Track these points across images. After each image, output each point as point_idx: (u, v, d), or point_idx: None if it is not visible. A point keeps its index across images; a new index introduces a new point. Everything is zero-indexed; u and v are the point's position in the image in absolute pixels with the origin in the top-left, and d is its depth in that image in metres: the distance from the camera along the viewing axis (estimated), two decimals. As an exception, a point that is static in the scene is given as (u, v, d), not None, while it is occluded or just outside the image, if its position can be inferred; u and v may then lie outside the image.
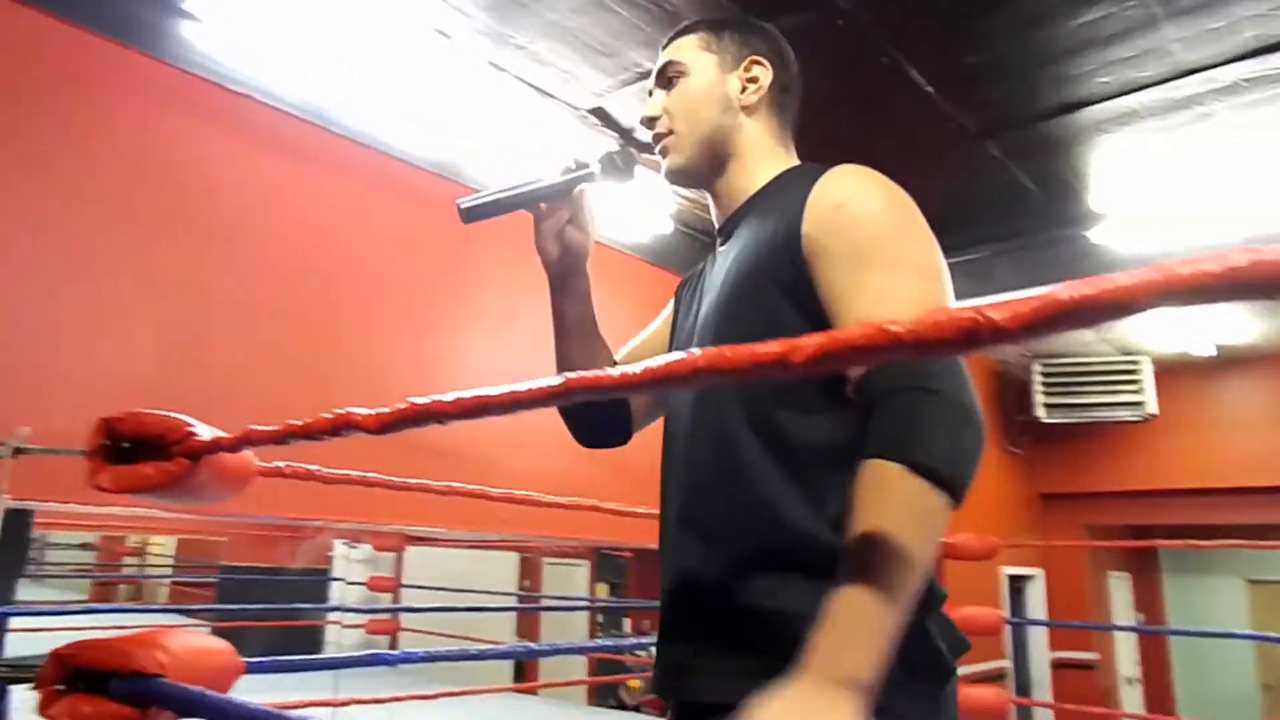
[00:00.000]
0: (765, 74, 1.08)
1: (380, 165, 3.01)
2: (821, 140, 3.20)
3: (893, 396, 0.78)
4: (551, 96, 2.97)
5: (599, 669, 7.85)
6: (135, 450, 1.24)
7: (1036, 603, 7.02)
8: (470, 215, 1.02)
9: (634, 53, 2.73)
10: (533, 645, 3.50)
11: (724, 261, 1.02)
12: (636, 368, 0.72)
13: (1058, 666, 6.96)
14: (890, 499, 0.74)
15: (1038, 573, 7.11)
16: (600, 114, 3.10)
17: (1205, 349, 6.23)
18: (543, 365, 1.03)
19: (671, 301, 1.23)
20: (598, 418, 1.19)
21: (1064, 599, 7.10)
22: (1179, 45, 2.58)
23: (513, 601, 7.15)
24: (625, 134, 3.20)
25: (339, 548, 7.21)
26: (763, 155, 1.07)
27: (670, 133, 1.08)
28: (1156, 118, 2.99)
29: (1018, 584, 6.88)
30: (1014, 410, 6.81)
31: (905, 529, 0.72)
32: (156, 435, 1.22)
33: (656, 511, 1.07)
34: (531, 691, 6.67)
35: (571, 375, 0.77)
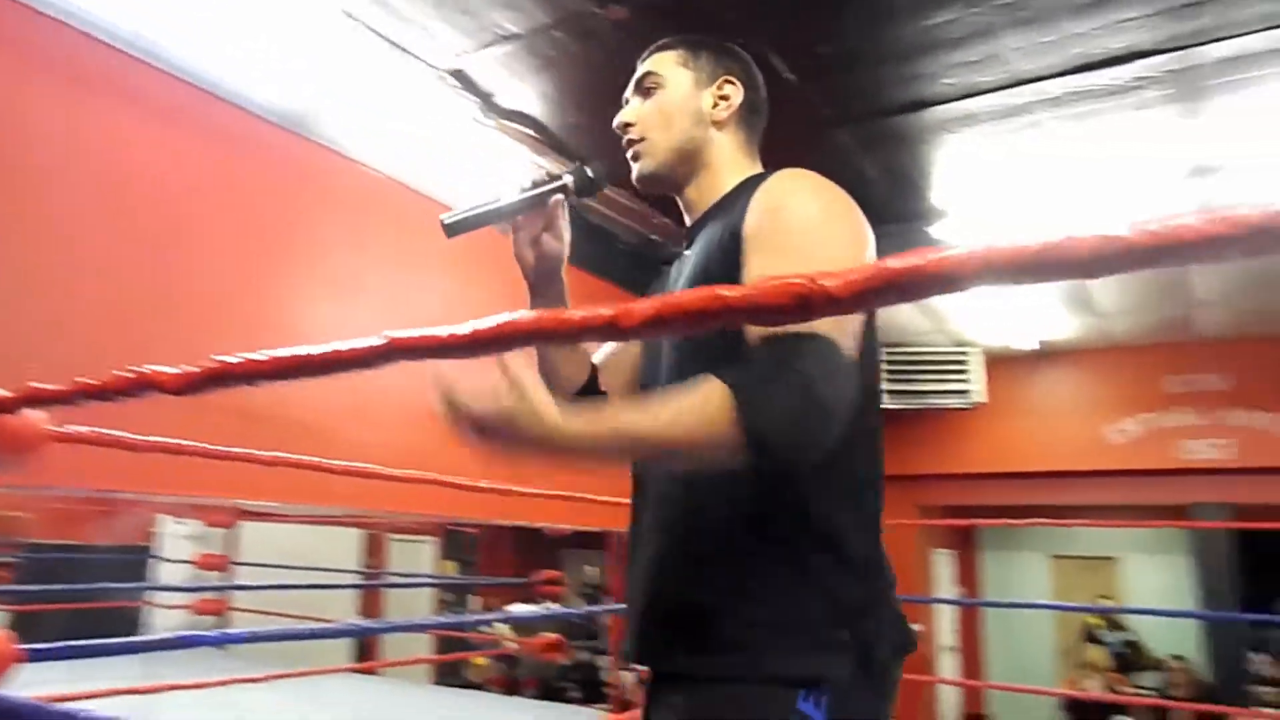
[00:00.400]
0: (736, 93, 1.16)
1: (218, 111, 2.79)
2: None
3: (773, 363, 0.84)
4: (409, 54, 2.84)
5: (444, 648, 7.72)
6: (-104, 409, 1.09)
7: (869, 578, 7.42)
8: (453, 230, 1.06)
9: (497, 14, 2.64)
10: (367, 623, 3.40)
11: (686, 265, 1.11)
12: (464, 329, 0.68)
13: (885, 637, 7.38)
14: (699, 402, 0.82)
15: (872, 550, 7.51)
16: (460, 76, 2.99)
17: (1028, 343, 6.72)
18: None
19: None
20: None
21: (898, 574, 7.53)
22: (1016, 54, 2.73)
23: (355, 580, 6.90)
24: (485, 99, 3.10)
25: (164, 524, 6.74)
26: (730, 167, 1.15)
27: (642, 139, 1.15)
28: (993, 122, 3.16)
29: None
30: (856, 395, 7.13)
31: (677, 421, 0.81)
32: (-81, 392, 1.08)
33: (505, 486, 1.08)
34: (372, 671, 6.48)
35: (395, 335, 0.73)
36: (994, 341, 6.73)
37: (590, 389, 1.23)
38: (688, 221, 1.18)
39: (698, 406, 0.82)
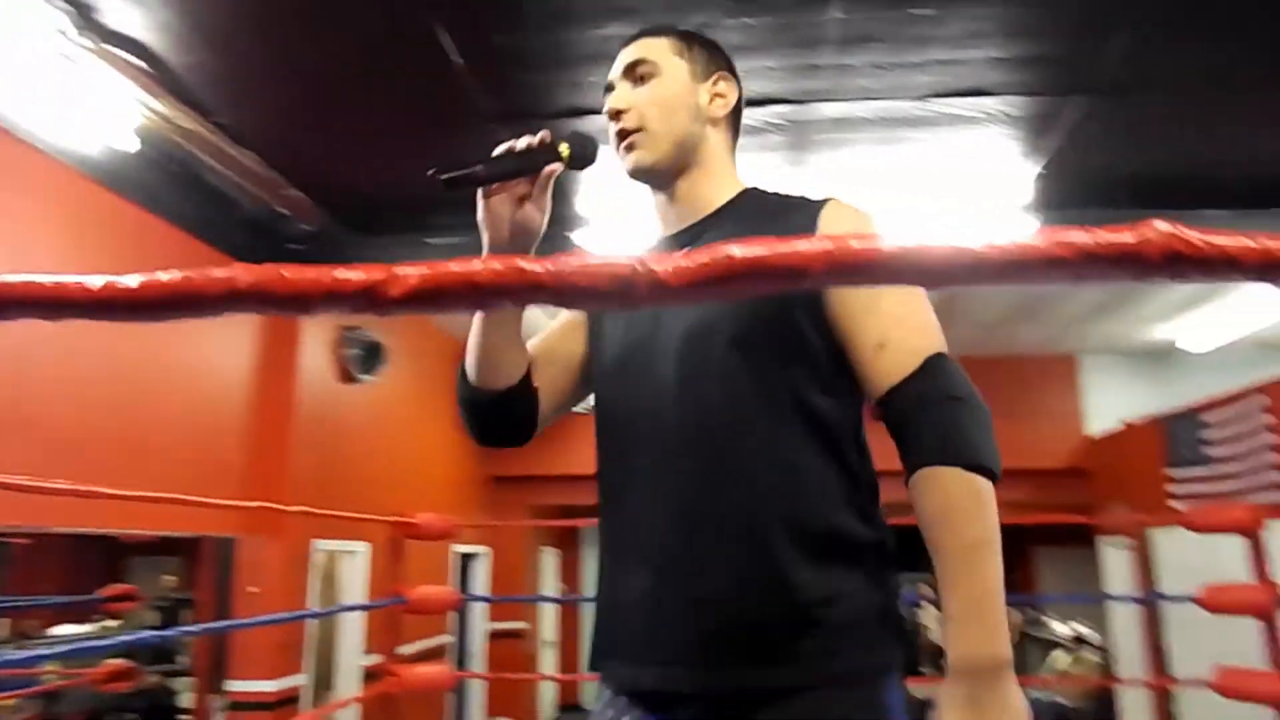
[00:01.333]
0: (731, 91, 1.14)
1: None
2: (337, 82, 2.94)
3: (931, 406, 0.92)
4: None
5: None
6: None
7: (481, 578, 7.44)
8: (450, 186, 0.96)
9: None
10: None
11: None
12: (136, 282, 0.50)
13: (493, 637, 7.46)
14: (975, 503, 0.88)
15: (486, 550, 7.54)
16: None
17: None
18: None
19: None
20: (507, 410, 1.12)
21: (505, 574, 7.64)
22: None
23: None
24: (82, 11, 2.53)
25: None
26: (722, 167, 1.12)
27: (640, 129, 1.08)
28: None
29: (467, 561, 7.21)
30: (480, 396, 7.11)
31: (979, 521, 0.87)
32: None
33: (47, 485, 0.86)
34: None
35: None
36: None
37: (523, 390, 1.11)
38: (666, 214, 1.14)
39: (983, 509, 0.88)
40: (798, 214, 1.04)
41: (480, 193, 1.01)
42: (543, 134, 1.00)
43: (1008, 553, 0.91)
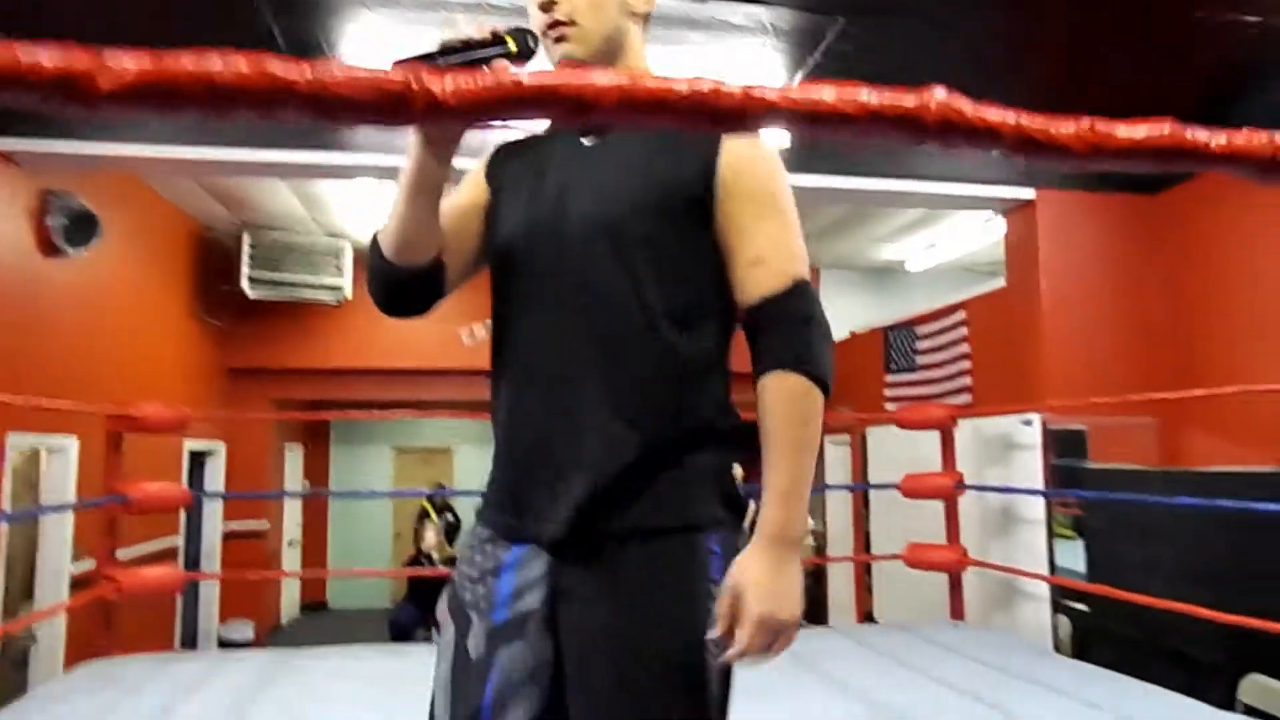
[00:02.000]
0: None
1: None
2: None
3: (792, 322, 1.07)
4: None
5: None
6: None
7: (216, 476, 6.94)
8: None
9: None
10: None
11: (608, 158, 1.13)
12: None
13: (229, 537, 7.04)
14: (798, 402, 1.05)
15: (219, 446, 7.02)
16: None
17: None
18: None
19: (479, 172, 1.25)
20: (420, 284, 1.15)
21: (244, 472, 7.18)
22: None
23: None
24: None
25: None
26: (639, 60, 1.20)
27: (572, 23, 1.13)
28: (417, 10, 3.09)
29: (199, 459, 6.68)
30: (218, 280, 6.50)
31: (808, 424, 1.05)
32: None
33: None
34: None
35: None
36: (366, 237, 6.75)
37: (436, 264, 1.15)
38: None
39: (802, 406, 1.05)
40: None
41: None
42: (491, 26, 1.01)
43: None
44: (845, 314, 6.99)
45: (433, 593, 5.96)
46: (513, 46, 1.03)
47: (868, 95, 0.44)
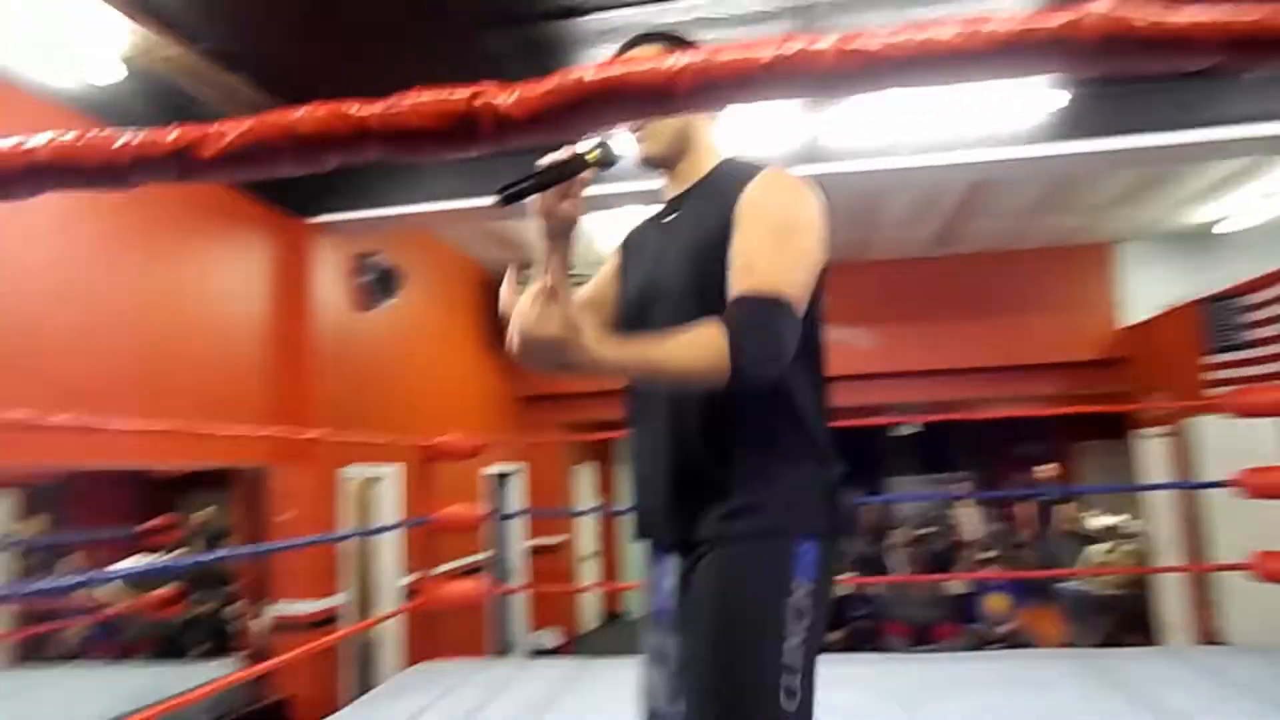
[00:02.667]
0: None
1: None
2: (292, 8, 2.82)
3: (749, 313, 1.17)
4: None
5: (33, 624, 6.51)
6: None
7: (518, 496, 7.56)
8: (507, 201, 1.15)
9: None
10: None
11: (677, 231, 1.36)
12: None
13: (534, 552, 7.62)
14: (696, 339, 1.14)
15: (520, 468, 7.64)
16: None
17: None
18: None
19: (618, 253, 1.53)
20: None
21: (541, 490, 7.75)
22: (663, -30, 2.74)
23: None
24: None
25: None
26: (708, 148, 1.40)
27: (645, 124, 1.36)
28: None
29: (502, 480, 7.31)
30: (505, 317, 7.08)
31: (684, 361, 1.13)
32: None
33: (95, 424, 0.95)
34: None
35: None
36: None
37: None
38: (667, 190, 1.42)
39: (702, 344, 1.13)
40: (734, 180, 1.30)
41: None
42: (573, 149, 1.21)
43: (1046, 443, 0.94)
44: (1151, 289, 6.18)
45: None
46: (591, 159, 1.22)
47: (1000, 26, 0.36)
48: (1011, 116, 3.87)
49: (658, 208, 1.46)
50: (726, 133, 1.46)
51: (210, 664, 4.75)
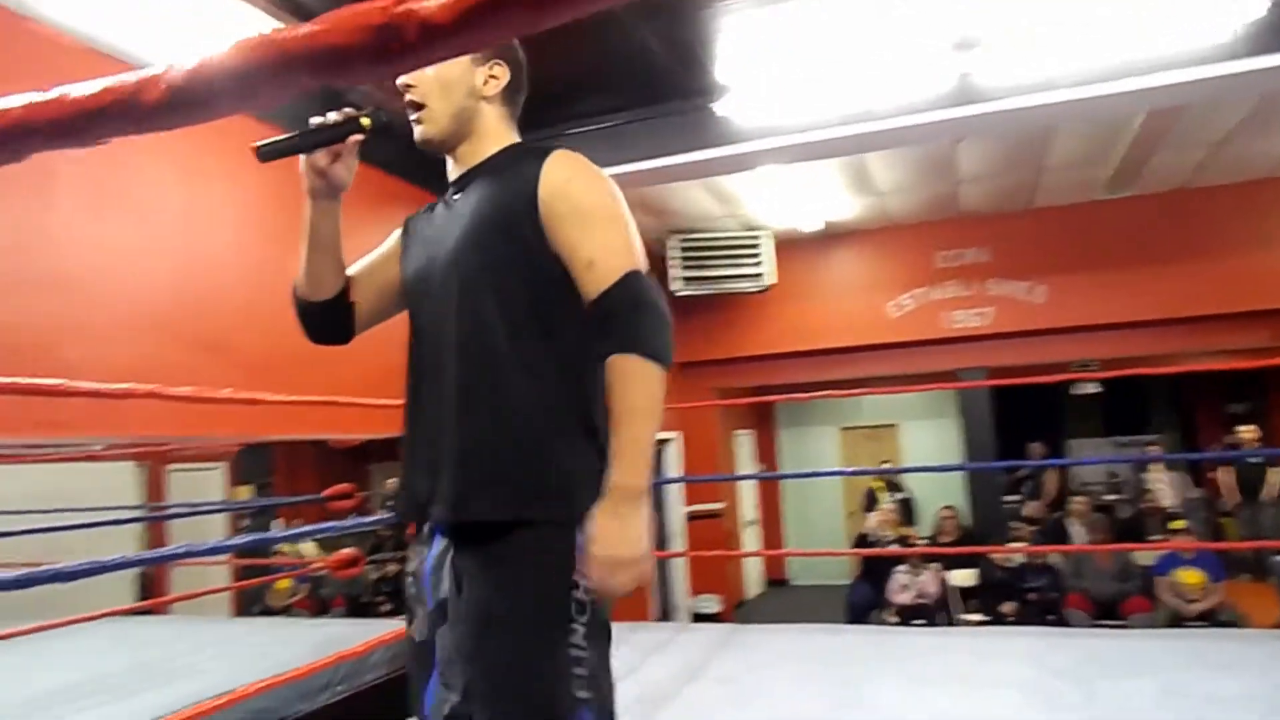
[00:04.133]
0: (504, 74, 1.39)
1: None
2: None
3: (623, 311, 1.21)
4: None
5: (243, 578, 7.23)
6: None
7: (675, 463, 7.62)
8: (265, 156, 1.20)
9: None
10: (137, 554, 2.99)
11: (463, 208, 1.34)
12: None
13: (692, 518, 7.67)
14: (639, 381, 1.19)
15: (677, 435, 7.69)
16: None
17: (814, 225, 6.92)
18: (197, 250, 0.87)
19: (398, 232, 1.52)
20: (328, 316, 1.45)
21: (699, 457, 7.78)
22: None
23: (120, 517, 6.23)
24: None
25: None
26: (495, 134, 1.39)
27: (423, 106, 1.34)
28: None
29: (658, 447, 7.39)
30: (654, 284, 7.12)
31: (650, 397, 1.19)
32: None
33: (263, 396, 1.08)
34: (160, 610, 5.97)
35: None
36: (782, 224, 6.89)
37: (341, 301, 1.44)
38: (452, 173, 1.40)
39: (645, 385, 1.19)
40: (526, 163, 1.30)
41: (302, 156, 1.29)
42: (348, 110, 1.27)
43: (1250, 401, 0.80)
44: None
45: (883, 572, 5.83)
46: (366, 124, 1.26)
47: None
48: (1198, 32, 3.44)
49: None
50: (515, 119, 1.45)
51: (391, 621, 5.10)
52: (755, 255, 6.80)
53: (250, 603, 7.48)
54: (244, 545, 6.02)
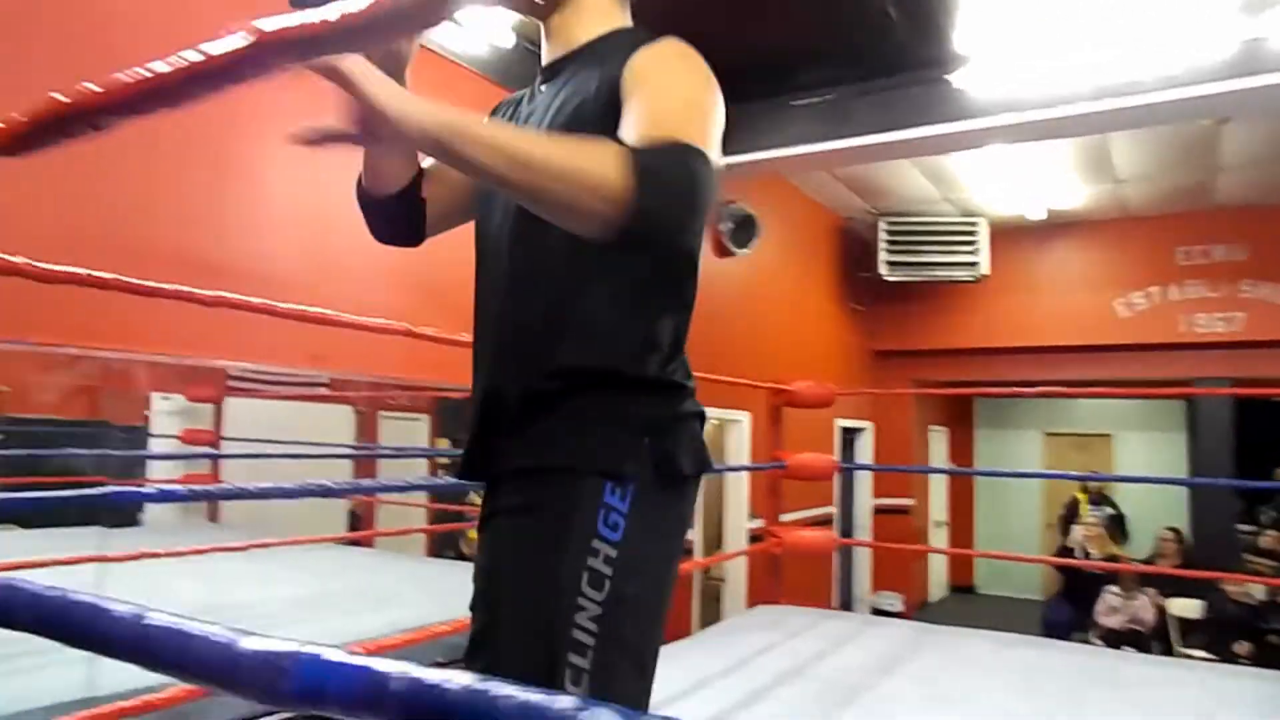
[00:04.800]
0: None
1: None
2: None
3: (660, 146, 0.87)
4: None
5: (438, 522, 7.73)
6: None
7: (865, 454, 7.39)
8: (298, 3, 0.94)
9: None
10: (360, 482, 3.25)
11: (549, 99, 1.12)
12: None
13: (879, 512, 7.42)
14: (598, 150, 0.83)
15: (868, 426, 7.44)
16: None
17: (1037, 213, 6.45)
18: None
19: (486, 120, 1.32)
20: (393, 213, 1.22)
21: (890, 450, 7.50)
22: None
23: (343, 453, 6.80)
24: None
25: (156, 402, 6.59)
26: (597, 11, 1.14)
27: None
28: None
29: (849, 436, 7.18)
30: (857, 267, 6.90)
31: (576, 162, 0.81)
32: None
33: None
34: (366, 543, 6.47)
35: (264, 29, 0.51)
36: (1002, 211, 6.46)
37: (409, 195, 1.21)
38: (545, 56, 1.17)
39: (596, 153, 0.82)
40: (622, 51, 1.05)
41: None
42: None
43: None
44: None
45: (1087, 590, 5.39)
46: None
47: None
48: None
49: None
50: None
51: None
52: (971, 242, 6.43)
53: (443, 546, 7.97)
54: (441, 488, 6.37)
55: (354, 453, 7.29)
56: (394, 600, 4.03)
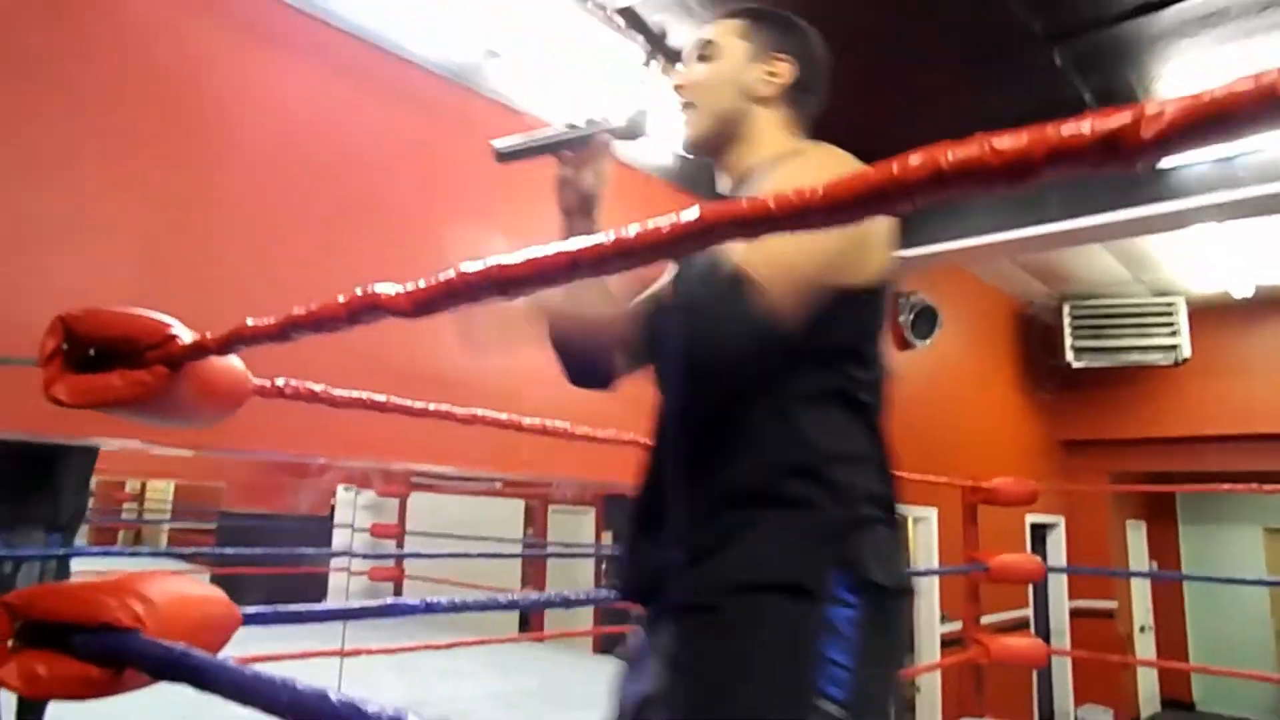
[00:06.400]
0: (786, 71, 1.20)
1: (388, 65, 2.72)
2: (871, 28, 2.93)
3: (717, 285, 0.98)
4: (573, -6, 2.68)
5: (604, 620, 7.75)
6: (106, 359, 1.00)
7: (1057, 551, 6.88)
8: (503, 157, 1.12)
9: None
10: (550, 594, 3.32)
11: None
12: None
13: (1076, 615, 6.84)
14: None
15: (1059, 520, 6.95)
16: (629, 15, 2.80)
17: (1244, 290, 5.98)
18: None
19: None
20: (586, 360, 1.24)
21: (1084, 548, 6.95)
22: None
23: (519, 549, 7.01)
24: (655, 40, 2.91)
25: (341, 494, 7.02)
26: (768, 141, 1.19)
27: (689, 105, 1.21)
28: (1245, 19, 2.69)
29: (1039, 532, 6.72)
30: (1041, 355, 6.58)
31: None
32: (127, 338, 0.99)
33: None
34: (539, 641, 6.56)
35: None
36: (1201, 289, 6.02)
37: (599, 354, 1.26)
38: (720, 186, 1.24)
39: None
40: (776, 164, 1.12)
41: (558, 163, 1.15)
42: (595, 113, 1.12)
43: None
44: None
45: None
46: (616, 125, 1.11)
47: None
48: None
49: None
50: (804, 125, 1.22)
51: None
52: (1169, 323, 6.01)
53: (610, 644, 7.94)
54: (606, 602, 6.37)
55: (530, 552, 7.46)
56: (577, 700, 4.04)
